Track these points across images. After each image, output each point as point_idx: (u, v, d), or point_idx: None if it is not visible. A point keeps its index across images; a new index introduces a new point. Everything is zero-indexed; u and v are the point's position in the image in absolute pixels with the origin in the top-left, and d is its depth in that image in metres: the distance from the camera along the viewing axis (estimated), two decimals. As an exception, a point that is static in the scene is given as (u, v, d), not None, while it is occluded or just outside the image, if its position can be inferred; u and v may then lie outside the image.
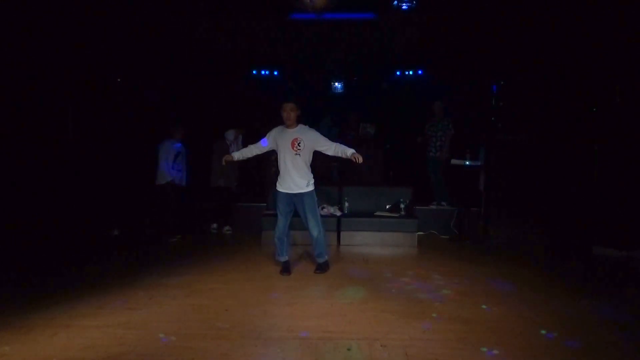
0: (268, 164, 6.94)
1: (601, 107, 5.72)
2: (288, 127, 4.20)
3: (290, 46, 7.44)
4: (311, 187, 4.23)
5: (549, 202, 5.85)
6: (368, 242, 5.71)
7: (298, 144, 4.13)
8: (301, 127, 4.22)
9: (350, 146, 4.17)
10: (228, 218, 6.53)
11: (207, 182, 6.50)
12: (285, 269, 4.33)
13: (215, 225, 6.48)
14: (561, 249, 5.53)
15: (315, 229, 4.26)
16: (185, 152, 6.13)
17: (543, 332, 2.96)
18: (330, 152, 4.18)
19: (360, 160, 3.99)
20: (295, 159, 4.14)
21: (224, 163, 4.42)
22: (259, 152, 4.42)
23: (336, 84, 9.29)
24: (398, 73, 9.09)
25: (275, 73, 9.09)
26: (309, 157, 4.23)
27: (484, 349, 2.67)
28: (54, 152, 5.98)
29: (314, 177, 4.30)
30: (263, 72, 9.06)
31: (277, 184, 4.29)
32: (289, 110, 4.12)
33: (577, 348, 2.73)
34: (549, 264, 4.91)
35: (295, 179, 4.16)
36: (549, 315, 3.27)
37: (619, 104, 5.48)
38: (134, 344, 2.71)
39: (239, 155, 4.42)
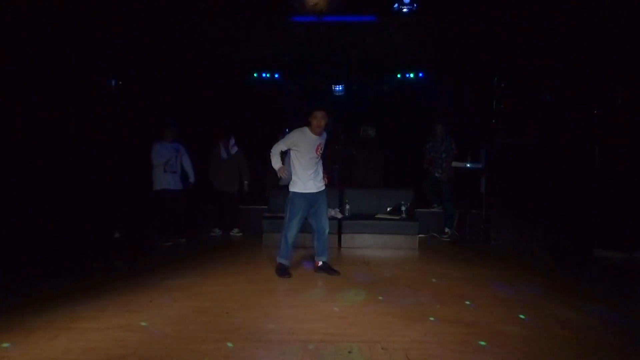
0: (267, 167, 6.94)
1: (601, 110, 5.73)
2: (314, 133, 4.22)
3: (291, 49, 7.45)
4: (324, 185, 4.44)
5: (550, 204, 5.85)
6: (369, 245, 5.71)
7: (320, 149, 4.30)
8: (323, 133, 4.34)
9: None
10: (236, 221, 6.54)
11: (207, 186, 6.47)
12: (287, 271, 4.34)
13: (217, 230, 6.45)
14: (562, 251, 5.53)
15: (326, 222, 4.40)
16: (182, 152, 6.00)
17: (544, 334, 2.95)
18: None
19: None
20: (316, 162, 4.29)
21: (283, 176, 4.27)
22: None
23: (337, 86, 9.31)
24: (399, 76, 9.10)
25: (276, 76, 9.11)
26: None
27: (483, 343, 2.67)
28: (56, 154, 5.99)
29: None
30: (264, 75, 9.08)
31: (301, 187, 4.24)
32: (320, 118, 4.15)
33: (578, 350, 2.72)
34: (550, 266, 4.90)
35: (317, 179, 4.31)
36: (550, 317, 3.26)
37: (620, 106, 5.49)
38: (135, 347, 2.71)
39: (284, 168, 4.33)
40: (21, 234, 5.34)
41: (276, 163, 4.27)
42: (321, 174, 4.39)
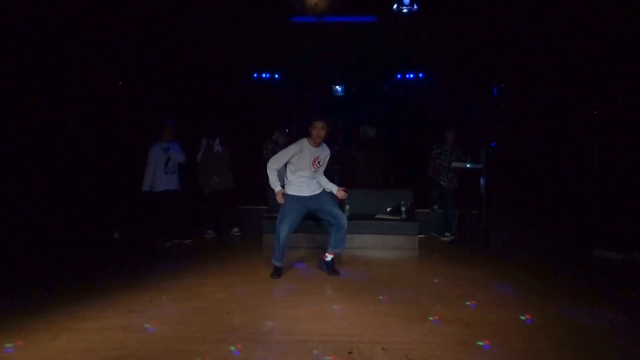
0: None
1: (601, 110, 5.73)
2: (314, 144, 4.14)
3: (291, 49, 7.47)
4: (322, 188, 4.39)
5: (549, 204, 5.85)
6: (369, 245, 5.70)
7: (318, 162, 4.22)
8: (323, 145, 4.26)
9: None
10: (236, 220, 6.51)
11: (199, 188, 6.42)
12: (279, 272, 4.31)
13: (211, 232, 6.41)
14: (562, 251, 5.53)
15: (343, 217, 4.28)
16: (180, 152, 5.89)
17: (544, 335, 2.95)
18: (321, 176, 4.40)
19: (344, 196, 4.32)
20: (312, 174, 4.21)
21: (280, 202, 4.16)
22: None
23: (337, 87, 9.31)
24: (399, 76, 9.10)
25: (276, 76, 9.11)
26: (321, 171, 4.37)
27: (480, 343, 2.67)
28: (56, 154, 5.99)
29: None
30: (264, 75, 9.08)
31: (293, 189, 4.21)
32: (320, 129, 4.06)
33: (578, 351, 2.72)
34: (549, 266, 4.90)
35: (311, 184, 4.26)
36: (550, 318, 3.26)
37: (620, 106, 5.49)
38: (135, 347, 2.71)
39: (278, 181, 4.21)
40: (21, 234, 5.35)
41: (276, 186, 4.14)
42: (317, 182, 4.31)
